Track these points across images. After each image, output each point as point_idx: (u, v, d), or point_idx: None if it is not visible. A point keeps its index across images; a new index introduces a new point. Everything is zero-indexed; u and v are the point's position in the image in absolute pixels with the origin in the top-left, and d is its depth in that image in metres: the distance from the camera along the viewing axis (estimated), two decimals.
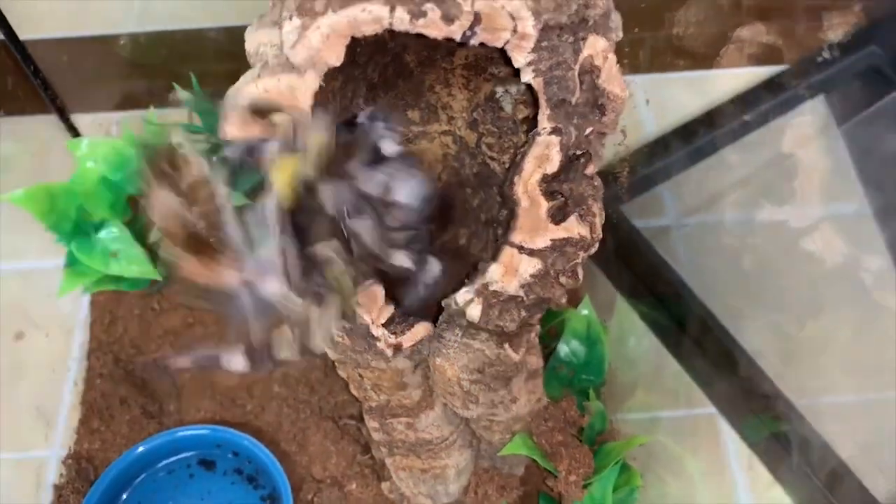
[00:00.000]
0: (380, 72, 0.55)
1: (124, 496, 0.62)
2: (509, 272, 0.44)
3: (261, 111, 0.40)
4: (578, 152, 0.44)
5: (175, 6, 0.87)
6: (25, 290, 0.76)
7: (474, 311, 0.45)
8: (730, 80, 0.86)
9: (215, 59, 0.80)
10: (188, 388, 0.68)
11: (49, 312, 0.75)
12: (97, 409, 0.67)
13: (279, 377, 0.69)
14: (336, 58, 0.39)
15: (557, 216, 0.44)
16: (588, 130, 0.43)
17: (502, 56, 0.42)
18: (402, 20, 0.37)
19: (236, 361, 0.38)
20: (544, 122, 0.42)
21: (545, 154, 0.43)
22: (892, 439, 0.64)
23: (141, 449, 0.61)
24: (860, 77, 0.87)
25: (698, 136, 0.84)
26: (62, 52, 0.83)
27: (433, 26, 0.37)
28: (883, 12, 0.85)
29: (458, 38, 0.38)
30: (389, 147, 0.41)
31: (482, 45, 0.39)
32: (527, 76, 0.41)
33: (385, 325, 0.46)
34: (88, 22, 0.87)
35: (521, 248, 0.44)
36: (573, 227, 0.44)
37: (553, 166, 0.43)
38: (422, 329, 0.47)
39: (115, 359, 0.70)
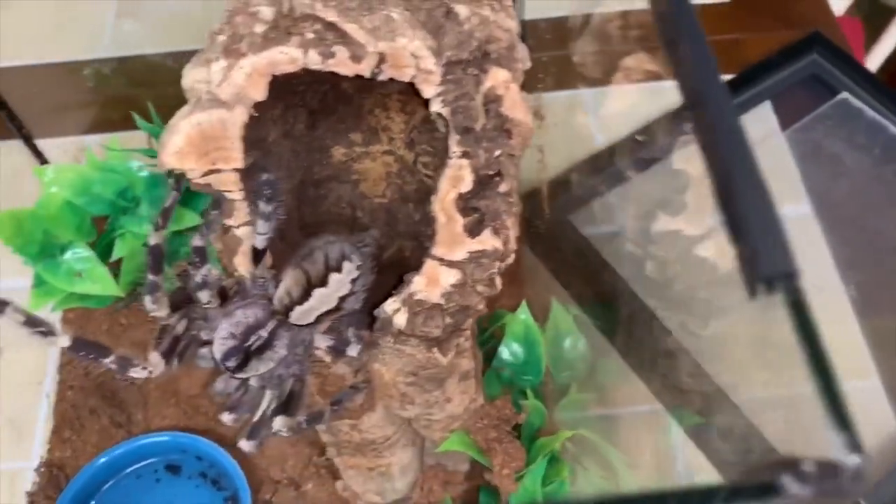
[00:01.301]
0: (319, 98, 0.59)
1: (93, 502, 0.65)
2: (432, 282, 0.48)
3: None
4: (490, 172, 0.48)
5: (139, 33, 0.91)
6: None
7: (401, 319, 0.49)
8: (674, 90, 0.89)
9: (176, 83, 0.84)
10: (154, 398, 0.72)
11: (25, 330, 0.78)
12: (68, 420, 0.71)
13: None
14: (260, 94, 0.43)
15: (474, 231, 0.48)
16: (497, 153, 0.47)
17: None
18: (314, 60, 0.41)
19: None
20: (454, 147, 0.46)
21: (458, 175, 0.47)
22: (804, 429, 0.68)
23: (103, 459, 0.64)
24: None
25: (646, 145, 0.88)
26: (28, 80, 0.86)
27: (343, 65, 0.41)
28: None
29: (367, 74, 0.42)
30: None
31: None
32: (436, 106, 0.45)
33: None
34: (54, 49, 0.91)
35: (441, 261, 0.48)
36: (487, 240, 0.48)
37: (466, 186, 0.47)
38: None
39: (84, 372, 0.73)
